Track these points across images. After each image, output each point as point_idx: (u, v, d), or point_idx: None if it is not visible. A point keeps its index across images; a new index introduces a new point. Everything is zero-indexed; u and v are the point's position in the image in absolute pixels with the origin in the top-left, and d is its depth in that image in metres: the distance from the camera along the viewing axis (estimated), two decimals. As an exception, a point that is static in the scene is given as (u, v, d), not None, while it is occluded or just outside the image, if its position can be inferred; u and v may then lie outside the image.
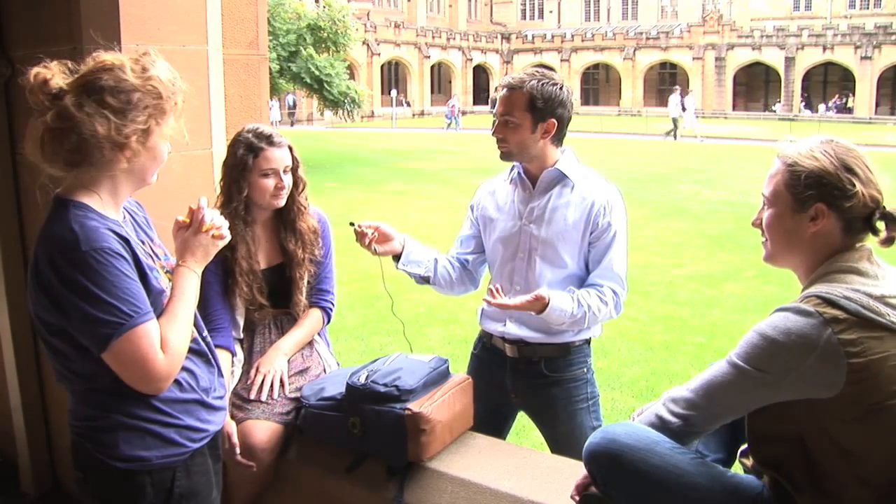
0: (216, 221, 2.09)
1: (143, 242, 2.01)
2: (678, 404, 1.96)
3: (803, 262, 1.91)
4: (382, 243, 2.88)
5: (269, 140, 2.82)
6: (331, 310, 3.09)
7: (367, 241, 2.83)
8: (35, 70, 1.85)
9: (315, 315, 3.03)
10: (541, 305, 2.60)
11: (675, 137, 30.92)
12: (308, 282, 3.01)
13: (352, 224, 2.84)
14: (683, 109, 31.66)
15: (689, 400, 1.93)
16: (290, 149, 2.89)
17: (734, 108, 52.03)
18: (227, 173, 2.85)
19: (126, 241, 1.88)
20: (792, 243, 1.90)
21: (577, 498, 2.15)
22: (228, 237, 2.12)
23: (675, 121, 31.24)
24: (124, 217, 2.01)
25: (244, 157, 2.80)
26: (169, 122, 1.94)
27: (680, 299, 8.65)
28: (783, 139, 1.93)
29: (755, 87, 53.90)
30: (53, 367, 1.96)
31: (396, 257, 2.93)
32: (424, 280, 2.99)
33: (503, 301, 2.59)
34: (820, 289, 1.80)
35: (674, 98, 31.80)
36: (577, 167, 2.84)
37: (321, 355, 3.07)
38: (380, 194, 16.64)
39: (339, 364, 3.15)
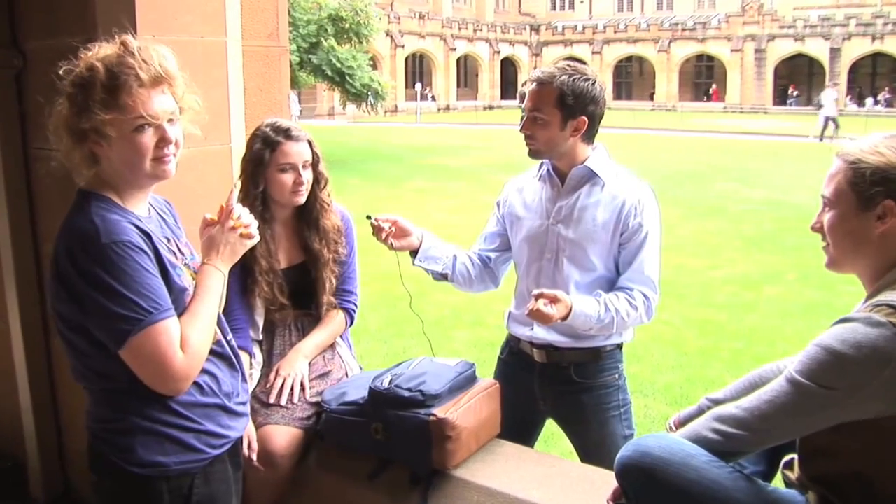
0: (244, 219, 2.08)
1: (167, 240, 2.01)
2: (727, 423, 1.88)
3: (869, 266, 1.85)
4: (400, 238, 2.90)
5: (286, 134, 2.84)
6: (354, 311, 3.10)
7: (383, 235, 2.84)
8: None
9: (337, 317, 3.05)
10: (566, 310, 2.60)
11: (831, 139, 25.87)
12: (331, 281, 3.03)
13: (368, 217, 2.86)
14: (820, 106, 28.59)
15: (740, 420, 1.85)
16: (310, 143, 2.91)
17: (774, 102, 51.56)
18: (245, 168, 2.87)
19: (148, 236, 1.89)
20: (857, 246, 1.84)
21: None
22: (257, 237, 2.11)
23: (833, 120, 27.28)
24: (150, 213, 2.02)
25: (261, 152, 2.82)
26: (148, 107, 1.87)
27: (716, 303, 8.58)
28: (837, 137, 1.88)
29: (797, 80, 53.31)
30: (71, 365, 1.96)
31: (414, 253, 2.95)
32: (442, 277, 3.01)
33: (550, 311, 2.53)
34: (891, 297, 1.74)
35: (829, 94, 28.44)
36: (607, 165, 2.84)
37: (343, 358, 3.09)
38: (403, 191, 16.71)
39: (361, 368, 3.17)
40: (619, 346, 2.94)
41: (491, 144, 27.14)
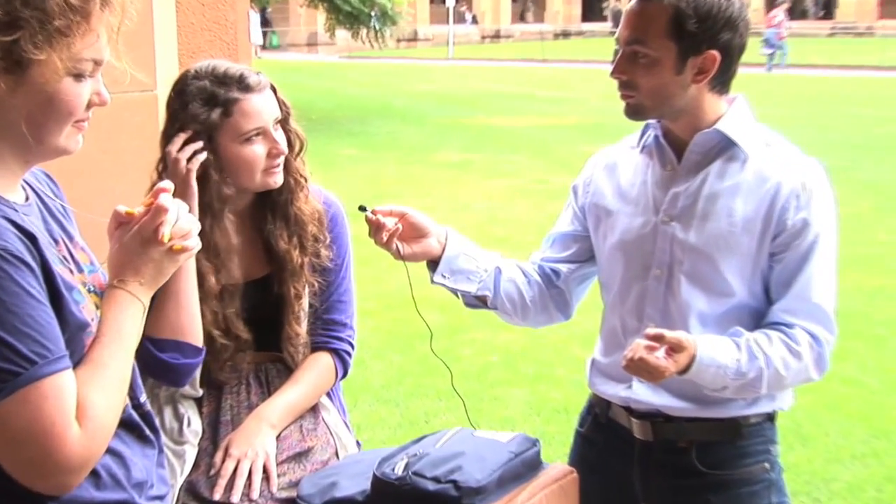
0: (182, 223, 2.12)
1: (56, 242, 2.04)
2: None
3: None
4: (411, 240, 2.96)
5: (242, 84, 2.91)
6: (348, 354, 3.19)
7: (385, 236, 2.89)
8: None
9: (321, 362, 3.14)
10: (686, 358, 2.64)
11: None
12: (311, 305, 3.11)
13: (362, 209, 2.90)
14: None
15: None
16: (273, 89, 3.00)
17: None
18: (163, 139, 2.95)
19: (32, 240, 1.91)
20: None
21: None
22: (196, 247, 2.17)
23: None
24: (27, 198, 2.05)
25: (206, 117, 2.89)
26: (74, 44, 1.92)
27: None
28: None
29: None
30: None
31: (433, 263, 3.01)
32: (479, 302, 3.08)
33: (661, 362, 2.59)
34: None
35: None
36: (752, 129, 2.88)
37: (331, 429, 3.15)
38: (426, 168, 16.90)
39: (359, 445, 3.24)
40: (772, 418, 2.97)
41: (566, 94, 27.12)
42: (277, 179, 2.99)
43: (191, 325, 2.79)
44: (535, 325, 3.25)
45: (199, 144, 2.83)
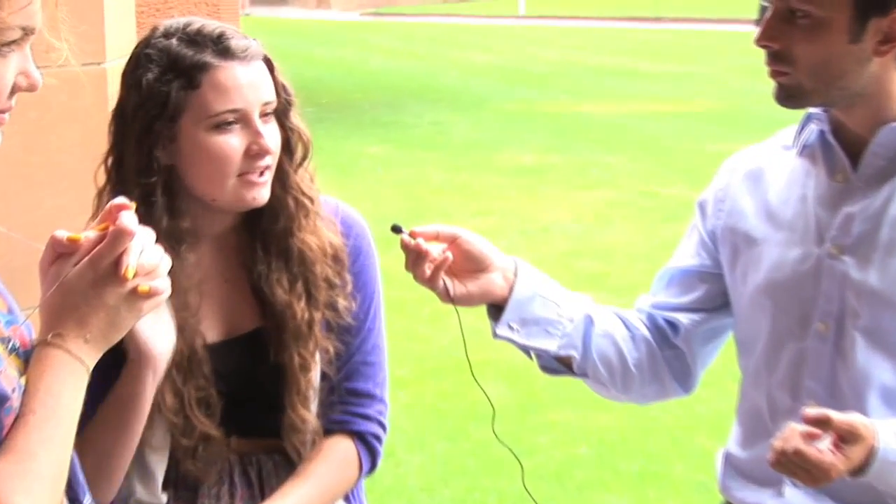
0: (149, 256, 2.06)
1: None
2: None
3: None
4: (464, 275, 2.91)
5: (219, 44, 2.86)
6: (376, 438, 3.14)
7: (428, 268, 2.83)
8: None
9: (339, 451, 3.08)
10: (863, 452, 2.55)
11: None
12: (323, 373, 3.06)
13: (397, 230, 2.85)
14: None
15: None
16: (269, 64, 2.96)
17: None
18: (125, 131, 2.90)
19: None
20: None
21: None
22: (166, 293, 2.10)
23: None
24: None
25: (164, 93, 2.83)
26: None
27: None
28: None
29: None
30: None
31: (497, 309, 2.97)
32: (562, 365, 3.04)
33: (827, 457, 2.48)
34: None
35: None
36: None
37: None
38: (485, 174, 16.86)
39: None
40: None
41: (688, 68, 27.08)
42: (260, 195, 2.91)
43: (107, 477, 2.74)
44: (642, 400, 3.25)
45: None
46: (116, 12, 3.18)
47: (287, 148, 2.94)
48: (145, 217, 2.71)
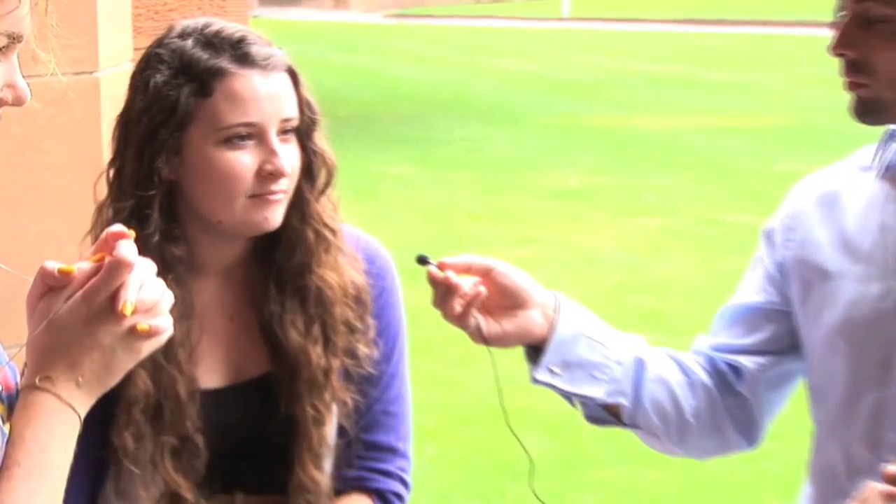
0: (148, 291, 2.03)
1: None
2: None
3: None
4: (499, 312, 2.87)
5: (238, 49, 2.85)
6: (399, 498, 3.14)
7: (458, 304, 2.80)
8: None
9: None
10: None
11: None
12: (340, 425, 3.03)
13: (423, 261, 2.83)
14: None
15: None
16: (293, 75, 2.93)
17: None
18: (128, 136, 2.90)
19: None
20: None
21: None
22: (168, 332, 2.05)
23: None
24: None
25: (172, 98, 2.82)
26: None
27: None
28: None
29: None
30: None
31: (536, 351, 2.92)
32: (610, 415, 3.01)
33: None
34: None
35: None
36: None
37: None
38: (525, 197, 16.93)
39: None
40: None
41: (753, 77, 27.11)
42: (273, 216, 2.90)
43: None
44: (701, 454, 3.23)
45: None
46: (111, 16, 3.17)
47: (308, 172, 2.93)
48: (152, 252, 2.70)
